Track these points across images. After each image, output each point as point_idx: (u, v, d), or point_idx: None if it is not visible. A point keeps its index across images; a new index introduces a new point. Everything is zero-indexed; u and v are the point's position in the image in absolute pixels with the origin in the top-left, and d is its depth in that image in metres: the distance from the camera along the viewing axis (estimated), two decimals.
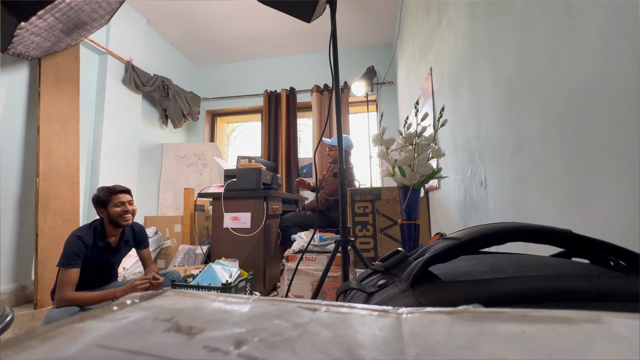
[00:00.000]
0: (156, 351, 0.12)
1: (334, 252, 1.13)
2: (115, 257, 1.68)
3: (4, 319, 0.65)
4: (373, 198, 1.66)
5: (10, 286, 2.06)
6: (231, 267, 1.78)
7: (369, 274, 0.35)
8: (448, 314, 0.15)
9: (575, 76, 0.57)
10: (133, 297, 0.18)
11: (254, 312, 0.16)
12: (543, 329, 0.13)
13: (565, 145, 0.60)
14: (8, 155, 2.10)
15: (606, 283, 0.23)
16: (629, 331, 0.12)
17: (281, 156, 3.74)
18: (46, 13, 1.89)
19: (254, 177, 2.27)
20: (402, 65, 3.04)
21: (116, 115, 2.89)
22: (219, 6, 3.08)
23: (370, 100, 3.73)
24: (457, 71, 1.27)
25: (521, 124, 0.77)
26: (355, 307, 0.17)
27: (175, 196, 3.44)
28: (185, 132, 4.09)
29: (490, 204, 0.99)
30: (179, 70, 3.89)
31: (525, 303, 0.22)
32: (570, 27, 0.57)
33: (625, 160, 0.46)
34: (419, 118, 1.08)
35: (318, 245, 1.99)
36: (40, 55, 2.17)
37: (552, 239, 0.29)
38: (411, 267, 0.28)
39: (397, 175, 1.05)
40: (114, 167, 2.83)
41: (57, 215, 2.19)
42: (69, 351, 0.12)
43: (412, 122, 1.07)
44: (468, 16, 1.12)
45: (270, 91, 3.95)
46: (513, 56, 0.80)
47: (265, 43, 3.77)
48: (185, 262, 2.40)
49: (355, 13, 3.22)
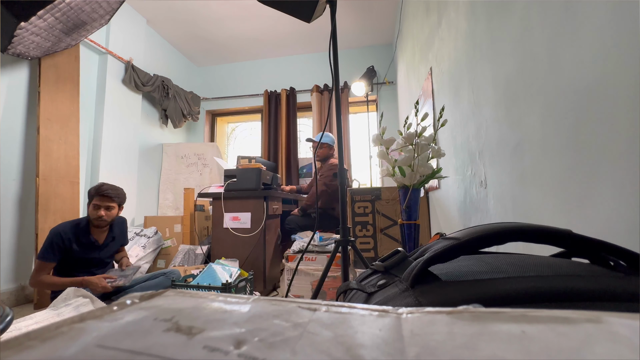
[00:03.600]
0: (156, 351, 0.12)
1: (334, 252, 1.13)
2: (102, 252, 1.68)
3: (4, 319, 0.65)
4: (373, 198, 1.66)
5: (10, 286, 2.05)
6: (231, 267, 1.78)
7: (369, 274, 0.35)
8: (448, 314, 0.15)
9: (575, 76, 0.57)
10: (133, 297, 0.18)
11: (254, 312, 0.16)
12: (543, 329, 0.13)
13: (565, 145, 0.60)
14: (8, 155, 2.09)
15: (606, 283, 0.23)
16: (629, 331, 0.12)
17: (281, 156, 3.74)
18: (46, 13, 1.89)
19: (254, 177, 2.27)
20: (402, 65, 3.04)
21: (116, 115, 2.89)
22: (219, 6, 3.08)
23: (370, 100, 3.73)
24: (457, 71, 1.27)
25: (521, 124, 0.77)
26: (355, 307, 0.17)
27: (175, 196, 3.44)
28: (185, 132, 4.09)
29: (490, 204, 0.99)
30: (179, 70, 3.89)
31: (525, 303, 0.22)
32: (570, 27, 0.57)
33: (625, 160, 0.46)
34: (419, 118, 1.08)
35: (318, 245, 1.99)
36: (40, 55, 2.17)
37: (552, 239, 0.29)
38: (411, 267, 0.28)
39: (397, 175, 1.05)
40: (114, 167, 2.83)
41: (57, 215, 2.19)
42: (69, 351, 0.12)
43: (412, 122, 1.07)
44: (468, 16, 1.12)
45: (270, 91, 3.95)
46: (513, 56, 0.80)
47: (265, 43, 3.77)
48: (185, 262, 2.40)
49: (355, 13, 3.22)
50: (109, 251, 1.72)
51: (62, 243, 1.53)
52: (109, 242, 1.70)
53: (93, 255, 1.63)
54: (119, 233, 1.75)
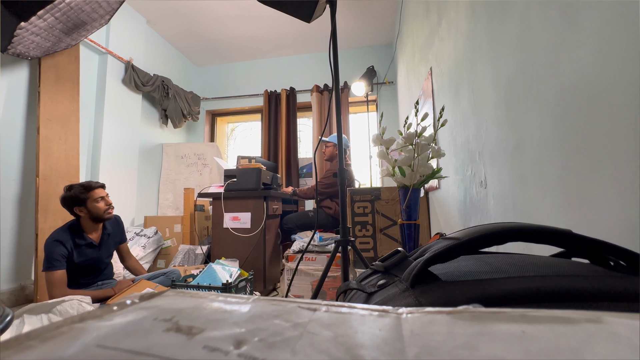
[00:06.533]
0: (156, 351, 0.12)
1: (334, 252, 1.13)
2: (101, 251, 1.68)
3: (4, 319, 0.65)
4: (373, 198, 1.66)
5: (10, 286, 2.05)
6: (231, 267, 1.78)
7: (369, 274, 0.35)
8: (448, 314, 0.15)
9: (575, 76, 0.57)
10: (133, 297, 0.18)
11: (254, 312, 0.16)
12: (543, 329, 0.13)
13: (565, 145, 0.60)
14: (8, 155, 2.09)
15: (606, 283, 0.23)
16: (629, 331, 0.12)
17: (281, 156, 3.74)
18: (46, 13, 1.89)
19: (254, 177, 2.27)
20: (402, 65, 3.04)
21: (116, 115, 2.89)
22: (219, 6, 3.08)
23: (370, 100, 3.73)
24: (457, 71, 1.27)
25: (521, 124, 0.77)
26: (355, 307, 0.17)
27: (175, 196, 3.44)
28: (185, 132, 4.09)
29: (490, 204, 0.99)
30: (179, 70, 3.89)
31: (525, 303, 0.22)
32: (570, 27, 0.57)
33: (625, 160, 0.46)
34: (419, 118, 1.08)
35: (318, 245, 1.99)
36: (40, 55, 2.17)
37: (552, 239, 0.29)
38: (411, 267, 0.28)
39: (397, 175, 1.05)
40: (114, 167, 2.83)
41: (57, 215, 2.19)
42: (69, 351, 0.12)
43: (412, 122, 1.07)
44: (468, 16, 1.12)
45: (270, 91, 3.95)
46: (513, 56, 0.80)
47: (265, 43, 3.77)
48: (185, 262, 2.40)
49: (355, 13, 3.22)
50: (107, 250, 1.72)
51: (64, 249, 1.51)
52: (106, 240, 1.70)
53: (92, 255, 1.63)
54: (113, 230, 1.75)
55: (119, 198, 2.66)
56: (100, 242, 1.67)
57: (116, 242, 1.79)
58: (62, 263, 1.49)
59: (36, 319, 1.17)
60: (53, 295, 1.44)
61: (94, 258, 1.64)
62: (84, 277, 1.62)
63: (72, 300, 1.25)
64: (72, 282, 1.56)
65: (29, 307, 1.21)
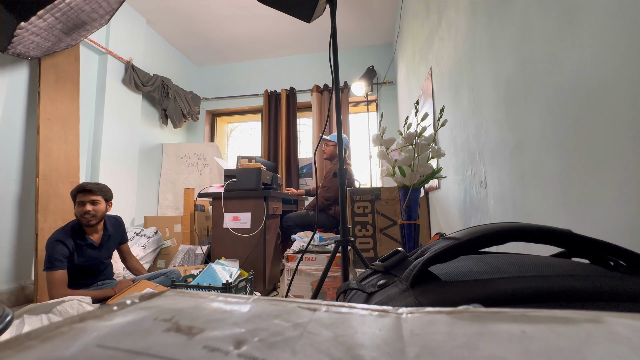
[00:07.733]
0: (156, 351, 0.12)
1: (334, 252, 1.13)
2: (101, 252, 1.67)
3: (4, 319, 0.65)
4: (373, 198, 1.66)
5: (10, 286, 2.05)
6: (231, 267, 1.78)
7: (369, 274, 0.35)
8: (448, 314, 0.15)
9: (575, 76, 0.57)
10: (133, 297, 0.18)
11: (254, 312, 0.16)
12: (543, 329, 0.13)
13: (565, 145, 0.60)
14: (8, 155, 2.09)
15: (606, 283, 0.23)
16: (629, 331, 0.12)
17: (281, 156, 3.74)
18: (46, 13, 1.89)
19: (254, 177, 2.27)
20: (402, 65, 3.04)
21: (116, 115, 2.89)
22: (219, 6, 3.08)
23: (370, 100, 3.73)
24: (457, 71, 1.27)
25: (521, 124, 0.77)
26: (355, 307, 0.17)
27: (175, 196, 3.44)
28: (185, 132, 4.09)
29: (490, 204, 0.99)
30: (179, 70, 3.89)
31: (525, 303, 0.22)
32: (570, 27, 0.57)
33: (625, 160, 0.46)
34: (419, 118, 1.08)
35: (318, 245, 1.99)
36: (40, 55, 2.17)
37: (552, 239, 0.29)
38: (411, 267, 0.28)
39: (397, 175, 1.05)
40: (114, 167, 2.83)
41: (57, 215, 2.19)
42: (69, 351, 0.12)
43: (412, 122, 1.07)
44: (468, 16, 1.12)
45: (270, 91, 3.95)
46: (513, 56, 0.80)
47: (265, 43, 3.77)
48: (185, 262, 2.40)
49: (355, 13, 3.22)
50: (107, 251, 1.72)
51: (65, 248, 1.51)
52: (106, 241, 1.69)
53: (92, 256, 1.63)
54: (114, 231, 1.75)
55: (119, 198, 2.65)
56: (101, 243, 1.67)
57: (117, 242, 1.79)
58: (63, 263, 1.49)
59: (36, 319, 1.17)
60: (53, 295, 1.44)
61: (94, 259, 1.64)
62: (83, 278, 1.62)
63: (72, 300, 1.25)
64: (72, 282, 1.56)
65: (29, 307, 1.21)
